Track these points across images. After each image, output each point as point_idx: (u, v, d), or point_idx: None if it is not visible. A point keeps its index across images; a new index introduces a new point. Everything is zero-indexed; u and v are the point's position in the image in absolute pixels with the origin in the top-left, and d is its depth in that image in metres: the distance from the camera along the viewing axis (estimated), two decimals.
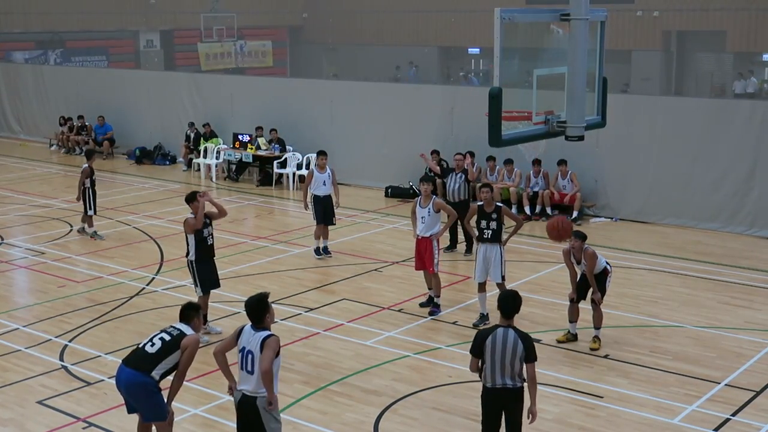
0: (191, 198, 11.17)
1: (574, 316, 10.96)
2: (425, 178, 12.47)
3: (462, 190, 14.90)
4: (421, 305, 12.30)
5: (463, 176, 14.96)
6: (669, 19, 35.12)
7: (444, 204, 12.33)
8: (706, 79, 35.47)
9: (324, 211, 14.80)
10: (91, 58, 38.50)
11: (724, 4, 33.27)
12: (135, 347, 7.76)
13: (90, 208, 16.04)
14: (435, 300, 12.16)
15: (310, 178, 14.91)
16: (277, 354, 7.12)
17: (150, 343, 7.61)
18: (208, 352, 10.72)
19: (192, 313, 7.81)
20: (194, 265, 11.11)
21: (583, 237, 10.70)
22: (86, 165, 16.19)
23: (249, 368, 7.10)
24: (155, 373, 7.53)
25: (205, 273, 11.15)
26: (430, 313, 12.02)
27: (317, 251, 14.89)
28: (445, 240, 15.71)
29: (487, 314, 11.57)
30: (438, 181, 15.97)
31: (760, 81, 33.16)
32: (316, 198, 14.85)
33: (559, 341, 10.98)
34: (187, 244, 11.16)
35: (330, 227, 15.01)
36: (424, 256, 12.07)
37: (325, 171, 14.88)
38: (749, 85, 32.45)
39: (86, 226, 16.23)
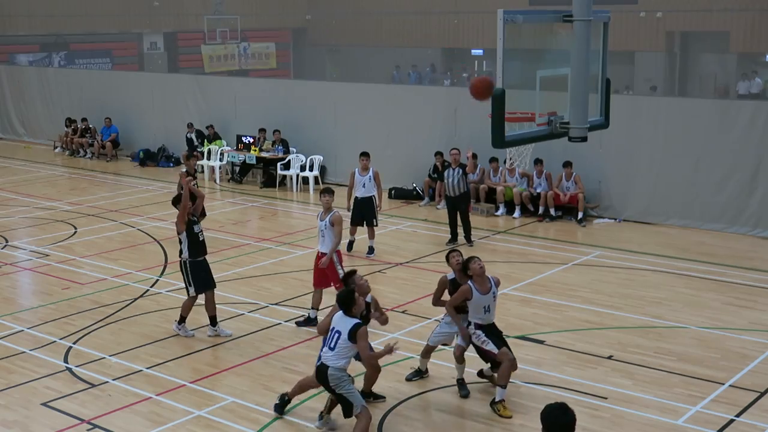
0: (178, 200, 11.45)
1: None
2: (326, 191, 11.73)
3: (461, 183, 15.41)
4: (298, 324, 11.53)
5: (461, 170, 15.44)
6: (672, 20, 35.08)
7: (339, 221, 11.47)
8: (709, 79, 35.41)
9: (360, 213, 15.00)
10: (95, 60, 38.53)
11: (727, 5, 33.21)
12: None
13: None
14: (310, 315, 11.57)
15: (352, 179, 15.12)
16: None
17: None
18: (212, 353, 10.76)
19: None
20: (187, 264, 11.11)
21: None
22: None
23: (332, 344, 8.23)
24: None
25: (198, 272, 11.13)
26: (297, 323, 11.53)
27: (349, 246, 15.12)
28: (446, 235, 15.80)
29: (426, 370, 9.99)
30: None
31: (765, 81, 33.05)
32: (355, 199, 15.09)
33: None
34: (180, 244, 11.21)
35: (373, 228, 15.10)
36: (327, 272, 11.50)
37: (366, 173, 15.03)
38: (753, 86, 32.38)
39: None
